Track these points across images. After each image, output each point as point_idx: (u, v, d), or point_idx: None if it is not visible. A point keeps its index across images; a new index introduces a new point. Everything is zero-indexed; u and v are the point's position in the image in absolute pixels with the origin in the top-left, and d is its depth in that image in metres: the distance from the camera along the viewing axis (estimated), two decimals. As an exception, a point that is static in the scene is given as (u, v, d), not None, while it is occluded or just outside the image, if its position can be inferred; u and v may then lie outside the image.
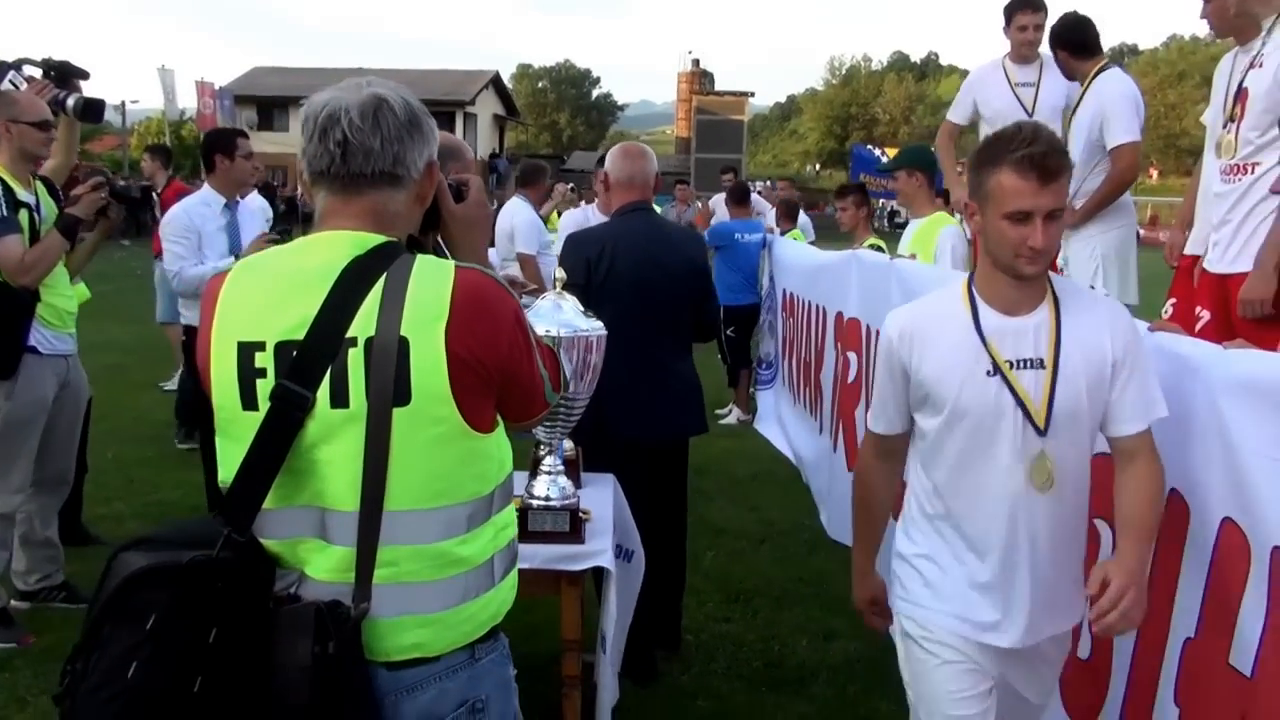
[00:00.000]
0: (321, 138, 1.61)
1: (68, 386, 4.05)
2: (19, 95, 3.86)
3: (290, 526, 1.59)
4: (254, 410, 1.56)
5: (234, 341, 1.58)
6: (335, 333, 1.54)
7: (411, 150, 1.65)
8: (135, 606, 1.48)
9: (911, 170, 4.95)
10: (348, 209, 1.64)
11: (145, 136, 41.86)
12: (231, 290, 1.63)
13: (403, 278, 1.56)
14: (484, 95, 47.88)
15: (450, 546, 1.60)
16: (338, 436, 1.55)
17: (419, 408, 1.54)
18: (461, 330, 1.55)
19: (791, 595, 4.65)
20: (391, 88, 1.67)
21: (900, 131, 71.79)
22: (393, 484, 1.54)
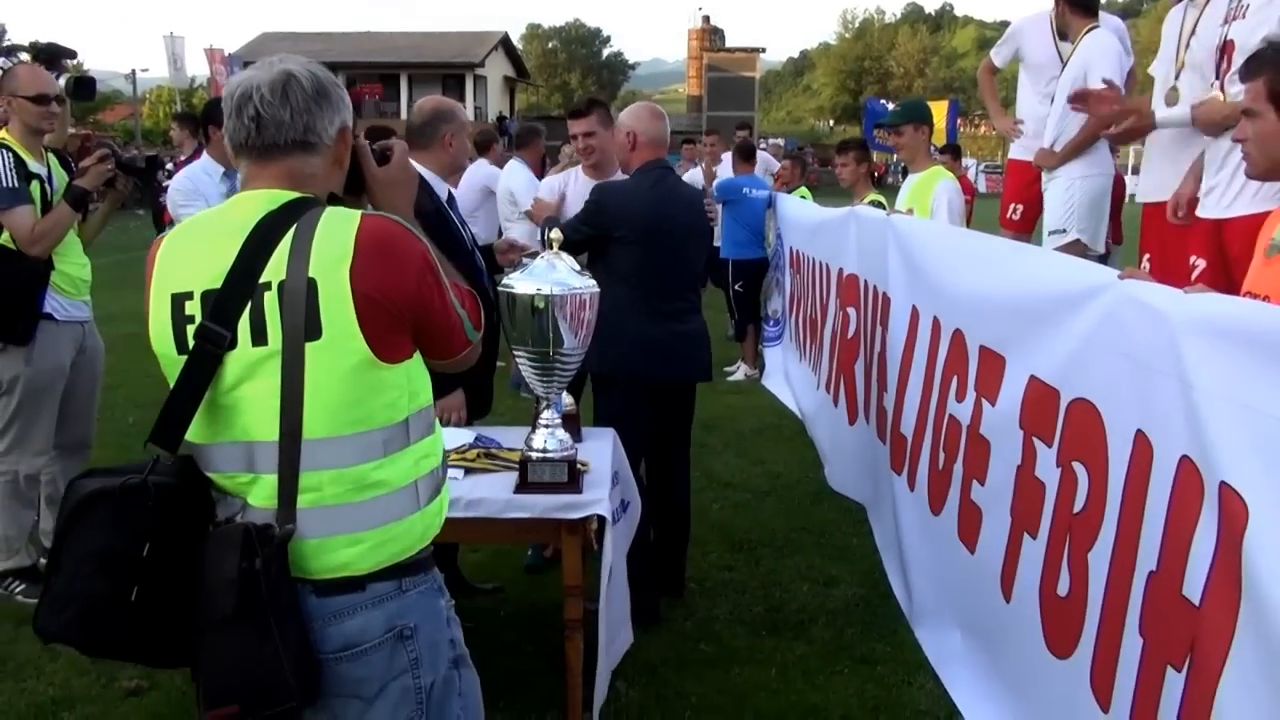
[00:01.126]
0: (238, 114, 1.77)
1: (84, 352, 4.18)
2: (19, 70, 3.97)
3: (225, 461, 1.75)
4: (186, 353, 1.72)
5: (168, 294, 1.75)
6: (249, 277, 1.69)
7: (321, 119, 1.80)
8: (83, 526, 1.69)
9: (919, 125, 5.00)
10: (265, 173, 1.79)
11: (157, 105, 41.93)
12: (167, 250, 1.81)
13: (311, 226, 1.71)
14: (494, 57, 47.61)
15: (368, 470, 1.73)
16: (259, 373, 1.70)
17: (329, 341, 1.68)
18: (366, 270, 1.69)
19: (794, 544, 4.78)
20: (301, 63, 1.82)
21: (915, 85, 71.00)
22: (309, 414, 1.69)
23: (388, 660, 1.78)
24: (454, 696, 1.89)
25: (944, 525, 3.37)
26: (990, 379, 3.03)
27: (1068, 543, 2.38)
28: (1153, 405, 2.03)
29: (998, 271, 3.13)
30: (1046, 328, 2.58)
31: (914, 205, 4.87)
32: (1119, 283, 2.24)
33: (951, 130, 22.66)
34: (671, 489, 4.12)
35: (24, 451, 4.02)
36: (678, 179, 4.30)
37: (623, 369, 3.89)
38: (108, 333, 4.52)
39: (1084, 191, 4.68)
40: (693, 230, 4.16)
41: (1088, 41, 4.60)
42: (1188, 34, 3.76)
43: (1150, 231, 4.05)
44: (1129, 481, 2.11)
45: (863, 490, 4.63)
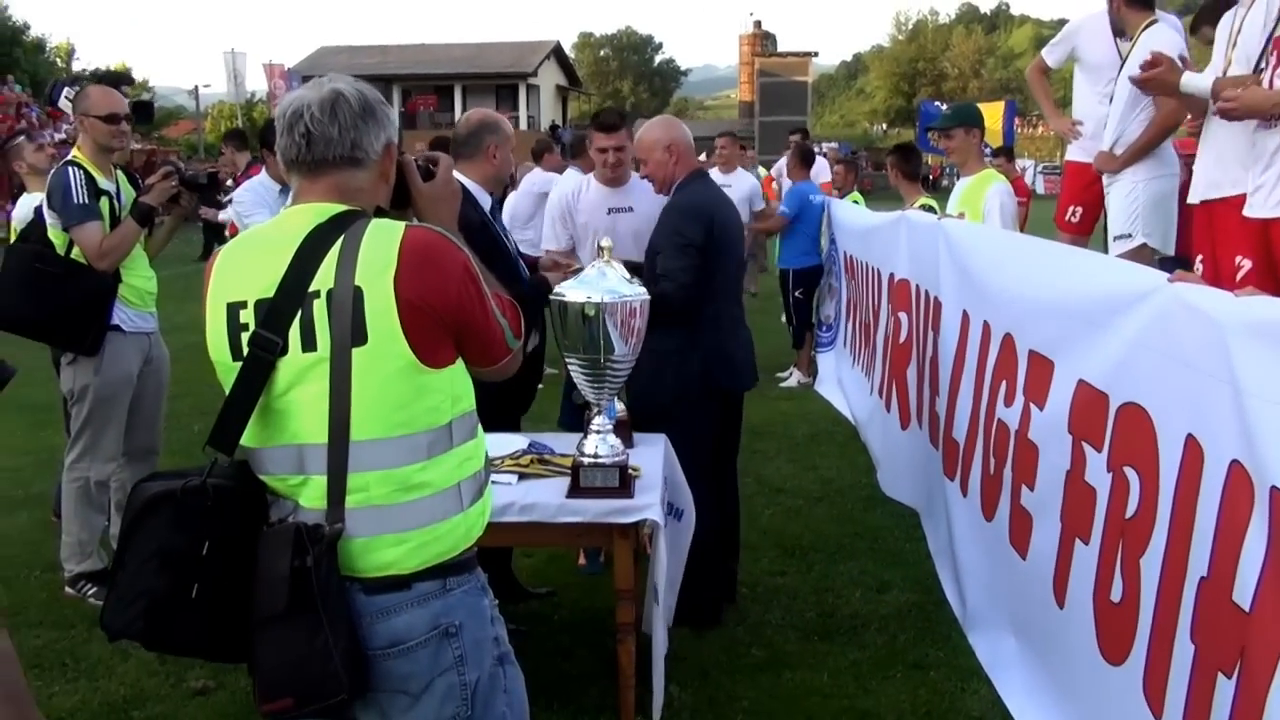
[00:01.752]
0: (289, 131, 1.85)
1: (151, 362, 4.32)
2: (91, 90, 4.13)
3: (278, 464, 1.83)
4: (241, 360, 1.81)
5: (224, 303, 1.84)
6: (299, 287, 1.78)
7: (367, 135, 1.87)
8: (146, 528, 1.78)
9: (969, 128, 4.97)
10: (314, 188, 1.87)
11: (219, 120, 42.89)
12: (223, 261, 1.91)
13: (357, 237, 1.79)
14: (546, 66, 47.96)
15: (412, 471, 1.80)
16: (309, 378, 1.77)
17: (375, 347, 1.75)
18: (409, 278, 1.76)
19: (846, 550, 4.77)
20: (349, 82, 1.90)
21: (970, 86, 70.14)
22: (356, 416, 1.76)
23: (433, 657, 1.83)
24: (499, 693, 1.93)
25: (996, 531, 3.35)
26: (1039, 383, 3.02)
27: (1120, 548, 2.37)
28: (1203, 409, 2.02)
29: (1047, 275, 3.11)
30: (1095, 331, 2.57)
31: (966, 209, 4.85)
32: (1168, 285, 2.22)
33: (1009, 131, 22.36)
34: (723, 494, 4.15)
35: (95, 458, 4.17)
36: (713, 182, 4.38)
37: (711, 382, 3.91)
38: (173, 343, 4.66)
39: (1148, 194, 4.58)
40: (741, 234, 4.24)
41: (1145, 37, 4.51)
42: (1235, 33, 3.71)
43: (1202, 232, 4.00)
44: (1180, 486, 2.10)
45: (915, 496, 4.62)
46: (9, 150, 5.06)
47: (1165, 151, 4.65)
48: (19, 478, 5.93)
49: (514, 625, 2.05)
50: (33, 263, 4.01)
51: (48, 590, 4.33)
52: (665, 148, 3.99)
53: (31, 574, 4.51)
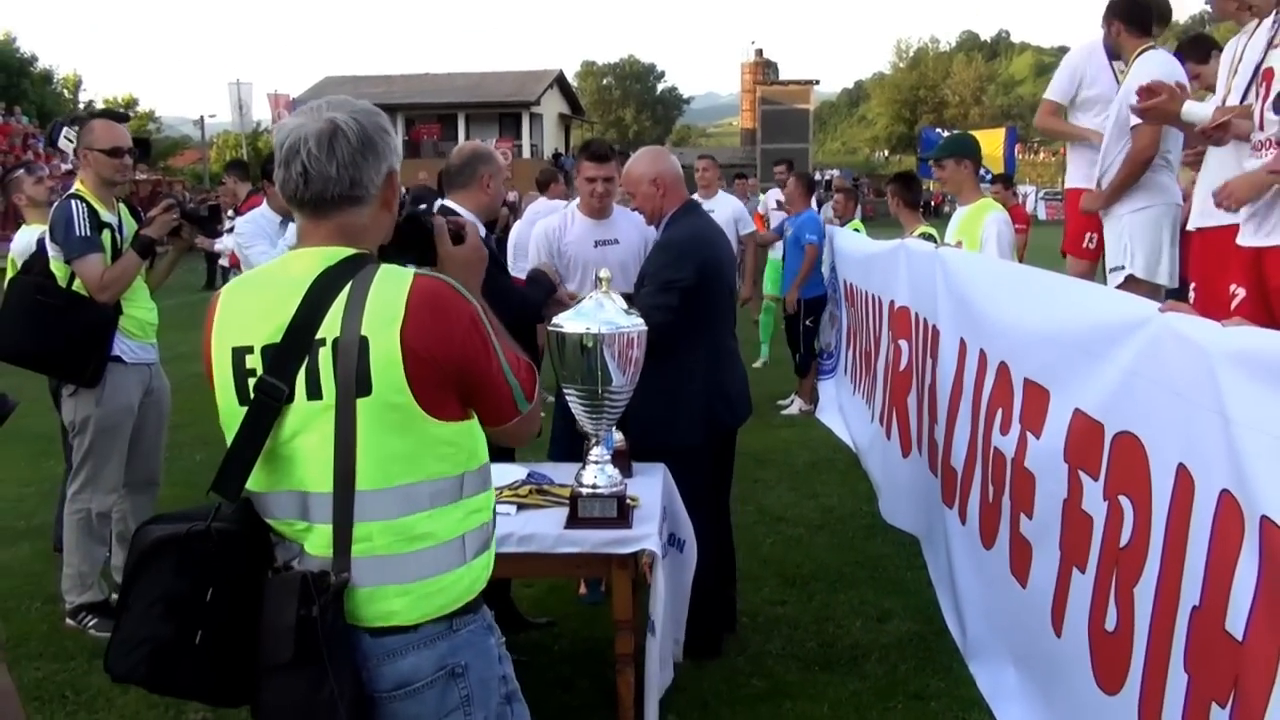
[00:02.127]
0: (286, 166, 1.83)
1: (151, 393, 4.34)
2: (95, 124, 4.17)
3: (282, 509, 1.82)
4: (247, 405, 1.80)
5: (229, 347, 1.83)
6: (307, 334, 1.77)
7: (367, 170, 1.84)
8: (150, 572, 1.77)
9: (960, 159, 5.00)
10: (319, 230, 1.85)
11: (224, 150, 43.15)
12: (225, 303, 1.89)
13: (365, 285, 1.77)
14: (549, 95, 48.25)
15: (415, 522, 1.79)
16: (314, 426, 1.77)
17: (379, 397, 1.74)
18: (416, 329, 1.74)
19: (847, 579, 4.76)
20: (348, 110, 1.84)
21: (971, 113, 70.46)
22: (360, 466, 1.75)
23: (440, 698, 1.83)
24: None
25: (996, 559, 3.35)
26: (1034, 412, 3.03)
27: (1115, 577, 2.38)
28: (1193, 438, 2.04)
29: (1042, 304, 3.13)
30: (1090, 361, 2.59)
31: (963, 237, 4.88)
32: (1159, 315, 2.25)
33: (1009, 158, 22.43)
34: (718, 523, 4.15)
35: (96, 489, 4.18)
36: (705, 213, 4.32)
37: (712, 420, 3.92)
38: (176, 372, 4.69)
39: (1134, 225, 4.56)
40: (732, 264, 4.26)
41: (1140, 63, 4.52)
42: (1237, 60, 3.75)
43: (1197, 259, 4.01)
44: (1171, 515, 2.11)
45: (917, 523, 4.62)
46: (8, 183, 5.10)
47: (1154, 181, 4.60)
48: (21, 509, 5.94)
49: (515, 655, 2.04)
50: (34, 294, 4.05)
51: (49, 622, 4.33)
52: (651, 180, 3.98)
53: (32, 605, 4.51)
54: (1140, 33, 4.61)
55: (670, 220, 3.99)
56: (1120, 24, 4.64)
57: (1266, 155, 3.43)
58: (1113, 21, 4.68)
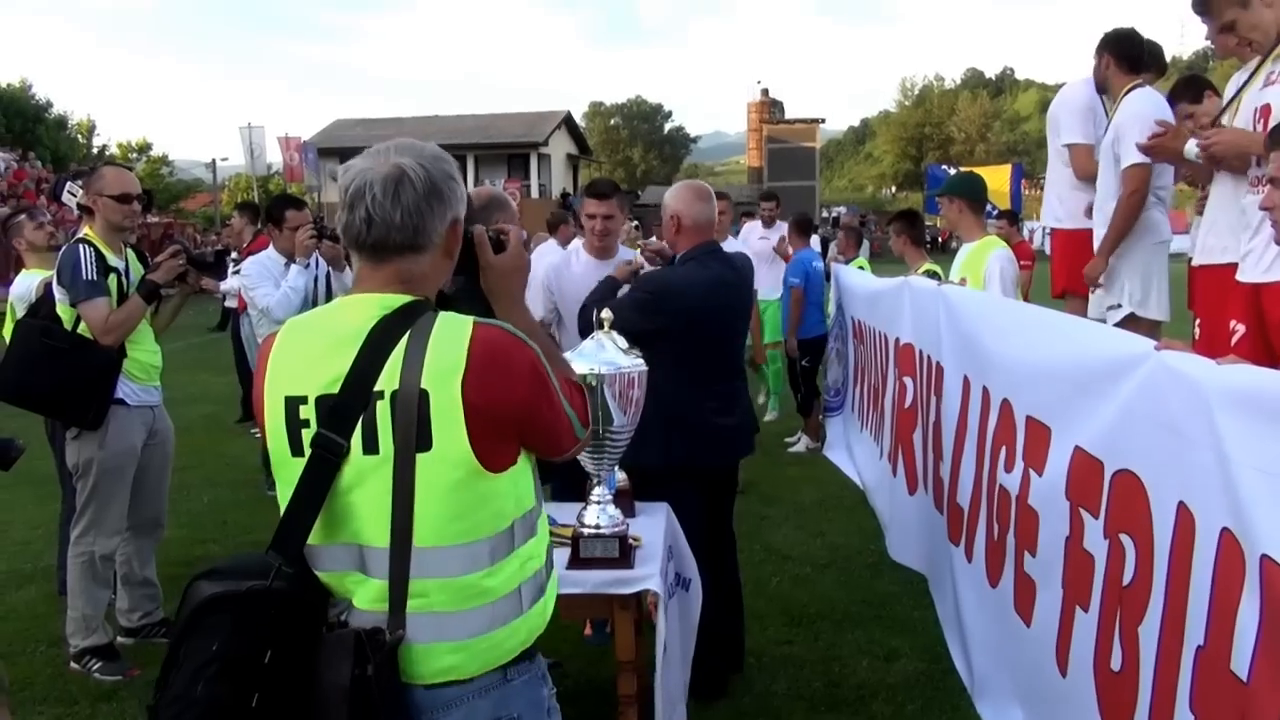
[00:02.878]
0: (350, 209, 1.79)
1: (155, 435, 4.37)
2: (106, 171, 4.24)
3: (336, 561, 1.79)
4: (300, 456, 1.76)
5: (282, 396, 1.79)
6: (364, 387, 1.72)
7: (431, 219, 1.80)
8: (204, 629, 1.71)
9: (951, 198, 5.04)
10: (377, 274, 1.81)
11: (235, 192, 43.56)
12: (280, 349, 1.84)
13: (424, 335, 1.73)
14: (556, 135, 48.66)
15: (476, 579, 1.75)
16: (370, 480, 1.73)
17: (439, 453, 1.70)
18: (477, 382, 1.70)
19: (854, 617, 4.73)
20: (415, 155, 1.80)
21: (977, 149, 70.85)
22: (419, 522, 1.71)
23: None
24: None
25: (1001, 597, 3.33)
26: (1037, 449, 3.02)
27: (1118, 616, 2.36)
28: (1192, 477, 2.03)
29: (1041, 341, 3.14)
30: (1089, 398, 2.59)
31: (967, 275, 4.89)
32: (1155, 353, 2.25)
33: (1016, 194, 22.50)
34: (722, 563, 4.13)
35: (100, 532, 4.18)
36: (725, 258, 4.15)
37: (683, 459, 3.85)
38: (184, 414, 4.72)
39: (1130, 263, 4.63)
40: (742, 313, 4.19)
41: (1128, 101, 4.56)
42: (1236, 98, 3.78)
43: (1200, 295, 4.02)
44: (1174, 554, 2.10)
45: (923, 561, 4.59)
46: (10, 227, 5.15)
47: (1146, 219, 4.65)
48: (28, 551, 5.95)
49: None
50: (40, 337, 4.08)
51: (53, 666, 4.32)
52: (671, 215, 3.98)
53: (38, 649, 4.50)
54: (1130, 69, 4.66)
55: (680, 259, 3.99)
56: (1111, 58, 4.69)
57: (1262, 191, 3.45)
58: (1104, 55, 4.72)
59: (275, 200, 5.86)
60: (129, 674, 4.15)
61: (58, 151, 39.27)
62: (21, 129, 39.03)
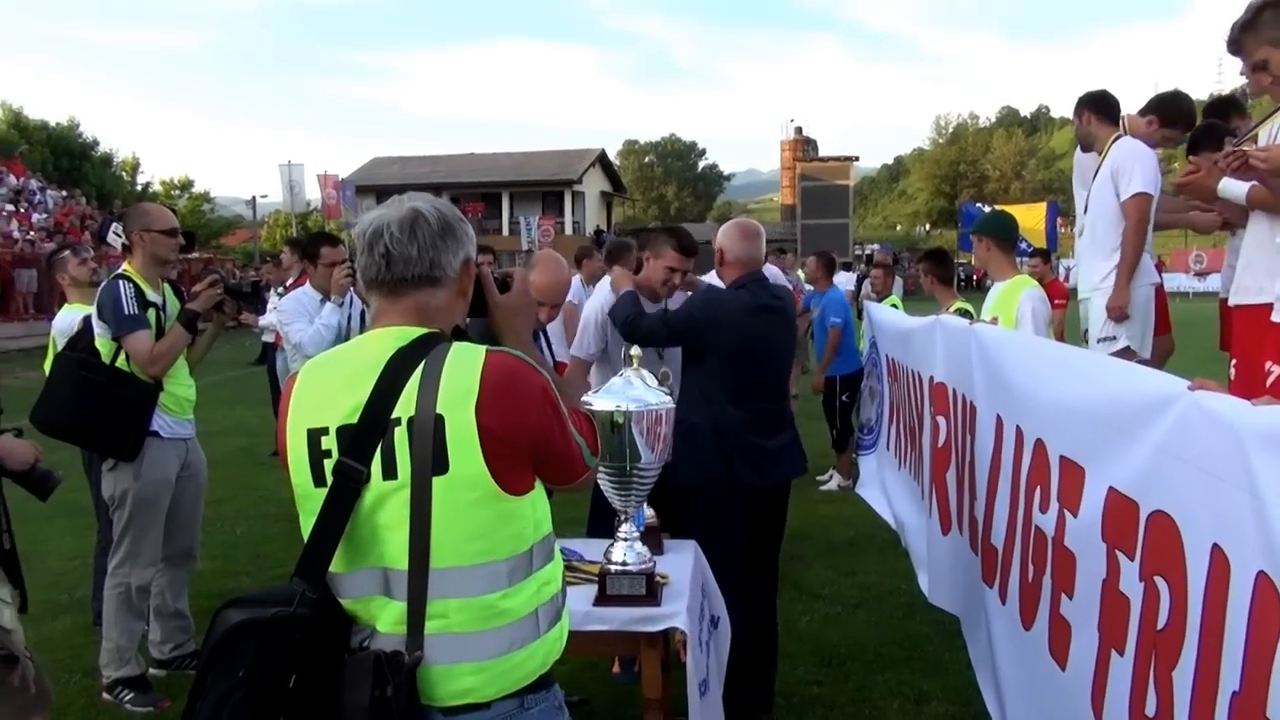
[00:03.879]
0: (369, 250, 1.88)
1: (188, 467, 4.43)
2: (149, 207, 4.36)
3: (360, 587, 1.82)
4: (323, 486, 1.81)
5: (304, 429, 1.84)
6: (383, 414, 1.78)
7: (446, 254, 1.90)
8: (230, 656, 1.75)
9: (980, 236, 5.07)
10: (394, 308, 1.89)
11: (274, 229, 44.25)
12: (302, 384, 1.91)
13: (439, 363, 1.79)
14: (591, 173, 49.13)
15: (494, 599, 1.79)
16: (390, 504, 1.78)
17: (456, 475, 1.75)
18: (490, 406, 1.76)
19: (885, 659, 4.67)
20: (428, 201, 1.93)
21: (1012, 187, 70.62)
22: (437, 544, 1.76)
23: None
24: None
25: (1035, 640, 3.28)
26: (1071, 489, 2.98)
27: (1153, 660, 2.32)
28: (1227, 519, 2.00)
29: (1074, 380, 3.11)
30: (1122, 438, 2.56)
31: (999, 314, 4.87)
32: (1188, 393, 2.22)
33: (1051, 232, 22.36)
34: (760, 599, 4.11)
35: (135, 563, 4.24)
36: (770, 287, 4.27)
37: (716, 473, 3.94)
38: (218, 447, 4.78)
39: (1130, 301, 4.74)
40: (786, 338, 4.30)
41: (1116, 148, 4.71)
42: (1272, 139, 3.76)
43: (1237, 335, 3.98)
44: (1208, 598, 2.07)
45: (957, 603, 4.53)
46: (54, 262, 5.29)
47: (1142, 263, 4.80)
48: (64, 582, 6.01)
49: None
50: (79, 370, 4.16)
51: (86, 695, 4.36)
52: (716, 249, 4.22)
53: (71, 679, 4.54)
54: (1111, 122, 4.82)
55: (729, 287, 4.15)
56: (1091, 114, 4.86)
57: None
58: (1084, 112, 4.92)
59: (311, 237, 5.98)
60: (161, 705, 4.18)
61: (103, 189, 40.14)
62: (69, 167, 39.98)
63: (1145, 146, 4.66)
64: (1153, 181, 4.62)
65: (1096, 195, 4.74)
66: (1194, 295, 30.51)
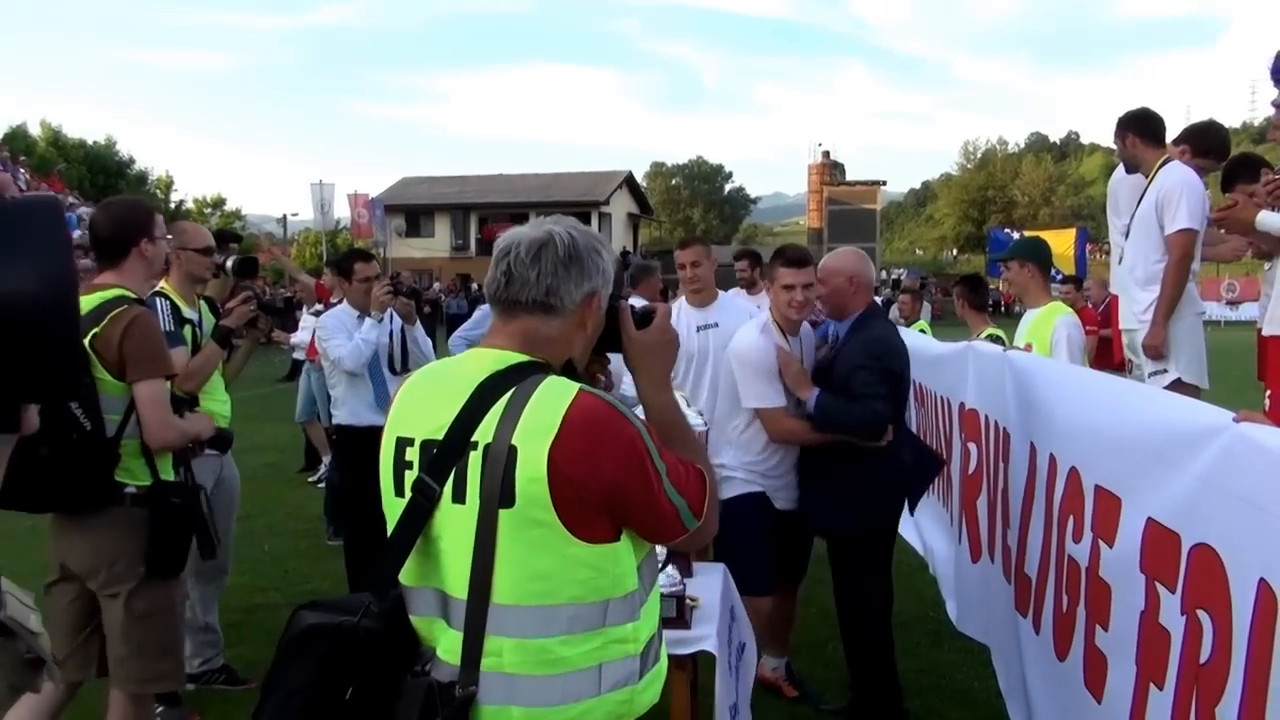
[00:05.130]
0: (495, 266, 1.87)
1: (221, 483, 4.45)
2: (185, 225, 4.41)
3: (424, 605, 1.82)
4: (401, 497, 1.81)
5: (395, 436, 1.85)
6: (463, 436, 1.75)
7: (567, 283, 1.83)
8: (298, 658, 1.77)
9: (1023, 262, 5.01)
10: (504, 329, 1.87)
11: (304, 246, 44.61)
12: (404, 392, 1.92)
13: (526, 394, 1.74)
14: (618, 195, 49.34)
15: (550, 644, 1.72)
16: (456, 529, 1.75)
17: (522, 510, 1.70)
18: (566, 446, 1.69)
19: (912, 687, 4.60)
20: (566, 227, 1.88)
21: (1040, 213, 70.13)
22: (498, 578, 1.71)
23: None
24: None
25: (1070, 672, 3.24)
26: (1107, 519, 2.95)
27: (1194, 695, 2.28)
28: (1274, 552, 1.97)
29: (1112, 409, 3.08)
30: (1163, 469, 2.53)
31: (1033, 340, 4.84)
32: (1233, 425, 2.20)
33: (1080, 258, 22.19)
34: None
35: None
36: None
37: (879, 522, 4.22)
38: (250, 462, 4.81)
39: (1179, 332, 4.66)
40: None
41: (1165, 174, 4.60)
42: None
43: (1272, 364, 3.94)
44: (1254, 632, 2.03)
45: (986, 631, 4.49)
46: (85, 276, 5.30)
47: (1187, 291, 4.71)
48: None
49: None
50: None
51: (114, 709, 4.37)
52: (849, 278, 4.17)
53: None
54: (1157, 144, 4.71)
55: (862, 319, 4.18)
56: (1135, 136, 4.73)
57: None
58: (1127, 134, 4.78)
59: (345, 254, 6.01)
60: (190, 718, 4.19)
61: (137, 205, 40.52)
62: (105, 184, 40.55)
63: (1194, 177, 4.55)
64: (1200, 216, 4.52)
65: (1140, 223, 4.65)
66: (1225, 324, 30.20)
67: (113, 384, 3.18)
